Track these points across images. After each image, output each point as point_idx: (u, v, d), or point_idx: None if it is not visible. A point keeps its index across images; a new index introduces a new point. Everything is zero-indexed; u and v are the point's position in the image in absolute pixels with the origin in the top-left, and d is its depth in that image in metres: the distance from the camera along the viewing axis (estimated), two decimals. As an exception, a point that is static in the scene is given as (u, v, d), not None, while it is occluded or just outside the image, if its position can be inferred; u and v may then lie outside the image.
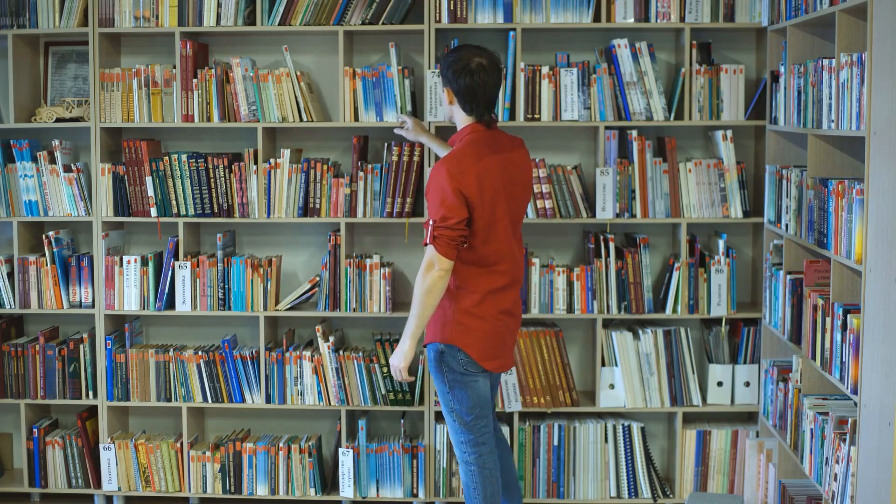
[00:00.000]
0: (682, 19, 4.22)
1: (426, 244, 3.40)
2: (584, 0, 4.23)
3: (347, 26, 4.28)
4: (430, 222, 3.39)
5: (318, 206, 4.34)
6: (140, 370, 4.43)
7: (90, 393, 4.47)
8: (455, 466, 4.36)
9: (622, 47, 4.21)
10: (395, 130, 4.19)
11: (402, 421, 4.46)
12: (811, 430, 3.47)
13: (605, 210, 4.26)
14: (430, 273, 3.38)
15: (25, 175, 4.39)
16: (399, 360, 3.49)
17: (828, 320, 3.33)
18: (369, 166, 4.32)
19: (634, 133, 4.25)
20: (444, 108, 3.61)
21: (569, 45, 4.42)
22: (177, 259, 4.38)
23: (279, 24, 4.29)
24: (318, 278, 4.37)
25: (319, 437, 4.51)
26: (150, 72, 4.35)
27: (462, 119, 3.56)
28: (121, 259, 4.39)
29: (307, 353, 4.36)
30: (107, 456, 4.44)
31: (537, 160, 4.26)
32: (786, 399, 3.86)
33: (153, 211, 4.37)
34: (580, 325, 4.54)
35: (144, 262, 4.39)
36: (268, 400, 4.40)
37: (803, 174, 3.66)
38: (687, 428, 4.37)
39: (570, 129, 4.46)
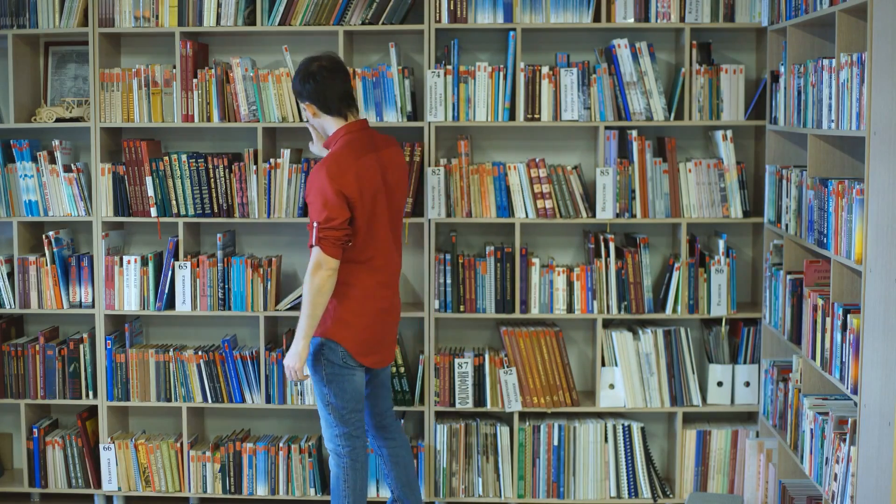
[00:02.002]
0: (682, 19, 4.22)
1: (311, 246, 3.48)
2: (584, 0, 4.23)
3: (347, 26, 4.28)
4: (314, 224, 3.47)
5: (318, 206, 4.34)
6: (140, 370, 4.43)
7: (90, 393, 4.47)
8: (455, 466, 4.36)
9: (622, 47, 4.21)
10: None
11: (402, 421, 4.46)
12: (811, 430, 3.47)
13: (605, 210, 4.26)
14: (318, 274, 3.48)
15: (25, 175, 4.40)
16: (294, 360, 3.56)
17: (828, 320, 3.33)
18: (369, 166, 4.32)
19: (634, 133, 4.25)
20: (314, 124, 3.71)
21: (569, 45, 4.42)
22: (177, 259, 4.38)
23: (279, 24, 4.30)
24: (318, 278, 4.36)
25: (319, 437, 4.51)
26: (150, 72, 4.36)
27: (332, 124, 3.66)
28: (121, 259, 4.39)
29: (307, 353, 4.36)
30: (107, 456, 4.44)
31: (537, 160, 4.26)
32: (786, 399, 3.86)
33: (153, 211, 4.37)
34: (580, 325, 4.54)
35: (144, 262, 4.39)
36: (268, 400, 4.40)
37: (803, 174, 3.66)
38: (687, 428, 4.37)
39: (570, 129, 4.46)
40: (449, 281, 4.30)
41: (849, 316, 3.14)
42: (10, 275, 4.45)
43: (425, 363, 4.34)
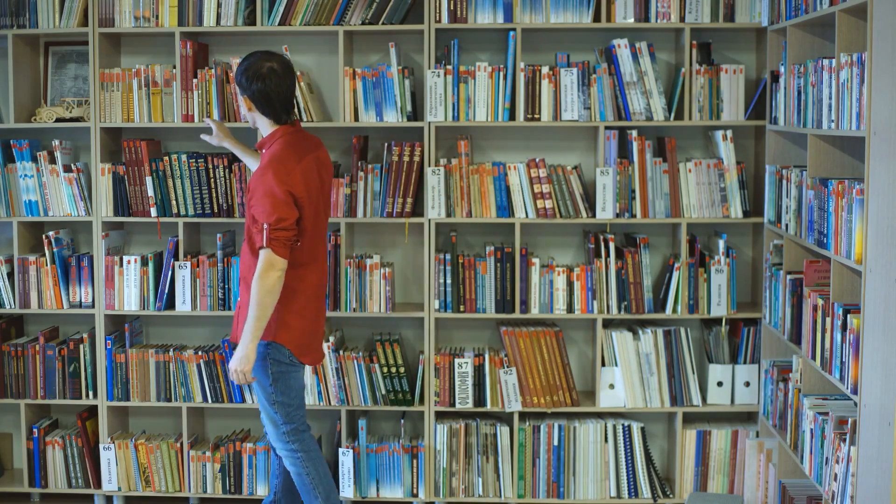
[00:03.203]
0: (682, 19, 4.22)
1: (261, 247, 3.48)
2: (584, 0, 4.23)
3: (347, 26, 4.28)
4: (265, 226, 3.47)
5: (318, 206, 4.34)
6: (140, 370, 4.43)
7: (90, 393, 4.47)
8: (455, 466, 4.36)
9: (622, 47, 4.21)
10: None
11: (402, 421, 4.46)
12: (811, 430, 3.47)
13: (605, 210, 4.26)
14: (269, 275, 3.48)
15: (25, 175, 4.40)
16: (244, 364, 3.53)
17: (828, 320, 3.33)
18: (369, 166, 4.33)
19: (634, 133, 4.25)
20: (245, 114, 3.71)
21: (569, 45, 4.42)
22: (177, 259, 4.38)
23: (279, 24, 4.30)
24: (318, 278, 4.37)
25: (320, 437, 4.52)
26: (150, 72, 4.36)
27: (266, 124, 3.67)
28: (121, 259, 4.39)
29: (307, 353, 4.36)
30: (107, 456, 4.44)
31: (537, 160, 4.26)
32: (786, 399, 3.86)
33: (153, 211, 4.37)
34: (580, 325, 4.54)
35: (144, 262, 4.39)
36: (268, 400, 4.40)
37: (803, 174, 3.66)
38: (687, 428, 4.37)
39: (570, 129, 4.46)
40: (449, 281, 4.31)
41: (849, 316, 3.14)
42: (10, 275, 4.45)
43: (425, 363, 4.34)
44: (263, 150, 3.67)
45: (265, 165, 3.53)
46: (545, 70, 4.25)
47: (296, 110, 3.72)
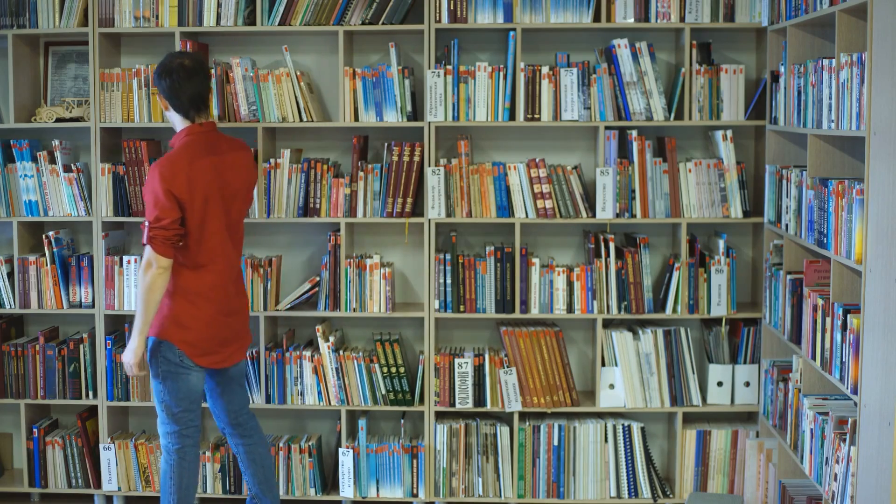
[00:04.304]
0: (682, 19, 4.22)
1: (144, 244, 3.55)
2: (584, 0, 4.23)
3: (347, 26, 4.28)
4: (146, 223, 3.53)
5: (318, 206, 4.34)
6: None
7: (90, 393, 4.47)
8: (455, 466, 4.36)
9: (622, 47, 4.21)
10: None
11: (403, 421, 4.46)
12: (811, 430, 3.47)
13: (605, 210, 4.26)
14: (149, 272, 3.55)
15: (25, 175, 4.40)
16: (130, 357, 3.63)
17: (828, 320, 3.33)
18: (369, 166, 4.33)
19: (634, 133, 4.25)
20: (166, 114, 3.74)
21: (569, 45, 4.42)
22: (177, 259, 4.37)
23: (279, 24, 4.30)
24: (318, 278, 4.37)
25: (319, 437, 4.52)
26: (150, 72, 4.35)
27: (178, 122, 3.71)
28: (121, 259, 4.39)
29: (307, 353, 4.36)
30: (107, 456, 4.44)
31: (537, 160, 4.26)
32: (786, 399, 3.86)
33: (153, 211, 4.37)
34: (580, 325, 4.54)
35: (144, 262, 4.39)
36: (268, 400, 4.40)
37: (803, 174, 3.66)
38: (687, 428, 4.37)
39: (570, 129, 4.46)
40: (449, 281, 4.31)
41: (849, 316, 3.14)
42: (10, 275, 4.45)
43: (425, 363, 4.34)
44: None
45: (156, 163, 3.58)
46: (545, 70, 4.25)
47: (210, 110, 3.74)
